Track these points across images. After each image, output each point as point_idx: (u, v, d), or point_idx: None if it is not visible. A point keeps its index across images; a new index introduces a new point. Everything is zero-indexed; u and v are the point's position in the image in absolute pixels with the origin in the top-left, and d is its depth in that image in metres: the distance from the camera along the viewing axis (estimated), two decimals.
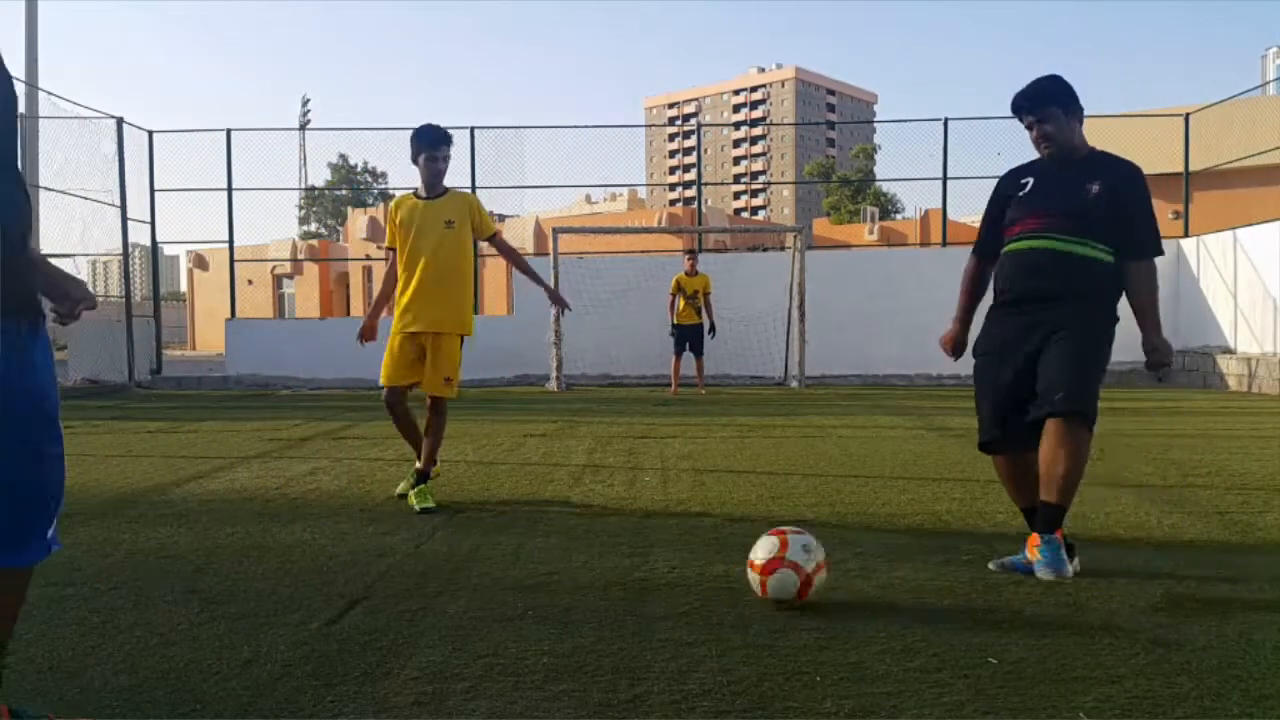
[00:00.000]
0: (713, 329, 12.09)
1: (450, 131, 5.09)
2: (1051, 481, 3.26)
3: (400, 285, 4.85)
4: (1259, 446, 6.71)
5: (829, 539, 3.89)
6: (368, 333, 5.02)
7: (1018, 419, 3.40)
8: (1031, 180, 3.53)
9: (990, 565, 3.45)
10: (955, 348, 3.82)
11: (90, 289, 2.05)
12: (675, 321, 12.08)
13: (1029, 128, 3.51)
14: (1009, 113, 3.55)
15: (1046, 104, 3.47)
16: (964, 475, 5.48)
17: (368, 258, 36.81)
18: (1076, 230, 3.39)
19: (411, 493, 4.63)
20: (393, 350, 4.82)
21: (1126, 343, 3.77)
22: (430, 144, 4.89)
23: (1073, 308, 3.41)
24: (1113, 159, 3.56)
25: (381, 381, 4.88)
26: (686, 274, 12.09)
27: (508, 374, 14.32)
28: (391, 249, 4.95)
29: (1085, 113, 3.57)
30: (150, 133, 14.86)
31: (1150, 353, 3.58)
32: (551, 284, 14.05)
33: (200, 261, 40.78)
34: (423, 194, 4.92)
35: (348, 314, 37.07)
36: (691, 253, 12.39)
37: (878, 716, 2.18)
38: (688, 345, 12.04)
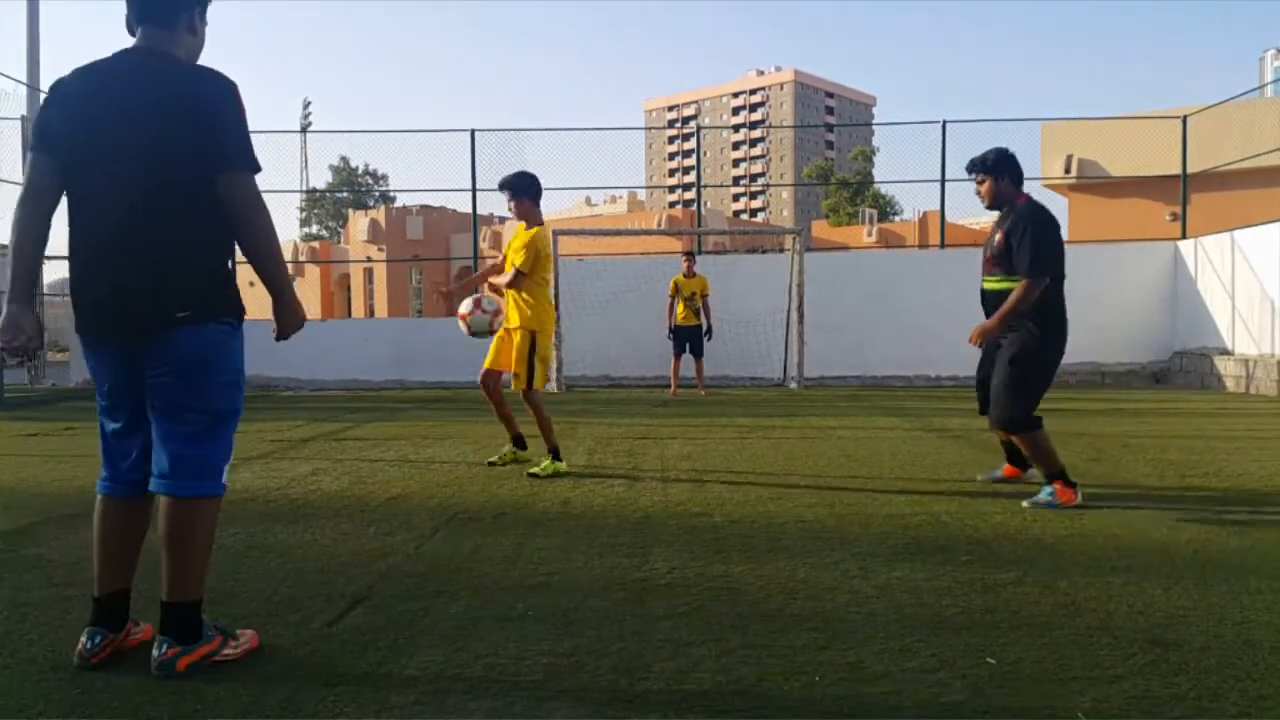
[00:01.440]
0: (709, 331, 12.11)
1: (507, 179, 5.89)
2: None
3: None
4: (1257, 447, 6.71)
5: (829, 539, 3.91)
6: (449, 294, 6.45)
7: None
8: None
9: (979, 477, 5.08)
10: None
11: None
12: (674, 323, 12.10)
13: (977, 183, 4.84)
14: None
15: (984, 170, 4.76)
16: (963, 476, 5.49)
17: (369, 260, 36.88)
18: (999, 271, 4.73)
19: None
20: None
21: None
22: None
23: (1004, 328, 4.66)
24: (1016, 208, 4.76)
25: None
26: (684, 276, 12.10)
27: (507, 374, 14.32)
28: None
29: (1026, 175, 4.91)
30: None
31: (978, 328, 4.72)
32: (551, 286, 14.06)
33: None
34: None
35: (349, 315, 37.09)
36: (689, 254, 12.39)
37: (877, 716, 2.19)
38: (687, 347, 12.05)
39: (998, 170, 4.75)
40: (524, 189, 5.74)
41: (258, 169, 2.51)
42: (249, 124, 2.53)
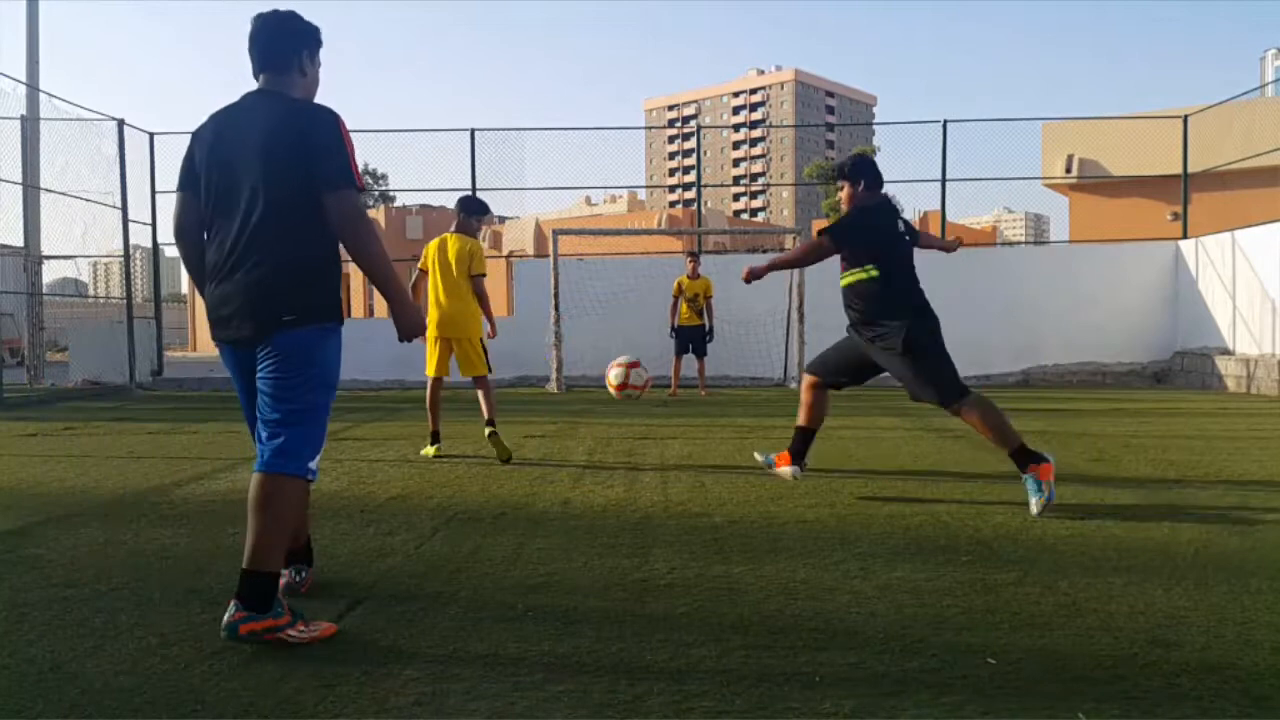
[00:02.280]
0: (711, 332, 12.11)
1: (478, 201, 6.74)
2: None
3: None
4: (1258, 447, 6.71)
5: (829, 539, 3.91)
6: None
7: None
8: None
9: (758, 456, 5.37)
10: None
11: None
12: (676, 323, 12.10)
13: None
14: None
15: (842, 176, 5.03)
16: (963, 476, 5.49)
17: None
18: (846, 265, 4.94)
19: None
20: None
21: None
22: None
23: (871, 337, 4.90)
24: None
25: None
26: (689, 277, 12.10)
27: (508, 375, 14.32)
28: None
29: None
30: (151, 135, 14.86)
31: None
32: (551, 286, 13.96)
33: None
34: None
35: (348, 315, 37.02)
36: (694, 255, 12.38)
37: (877, 716, 2.18)
38: (689, 347, 12.05)
39: (854, 176, 4.97)
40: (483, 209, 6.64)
41: (360, 187, 2.86)
42: (352, 145, 2.85)
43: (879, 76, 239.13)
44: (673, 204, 78.40)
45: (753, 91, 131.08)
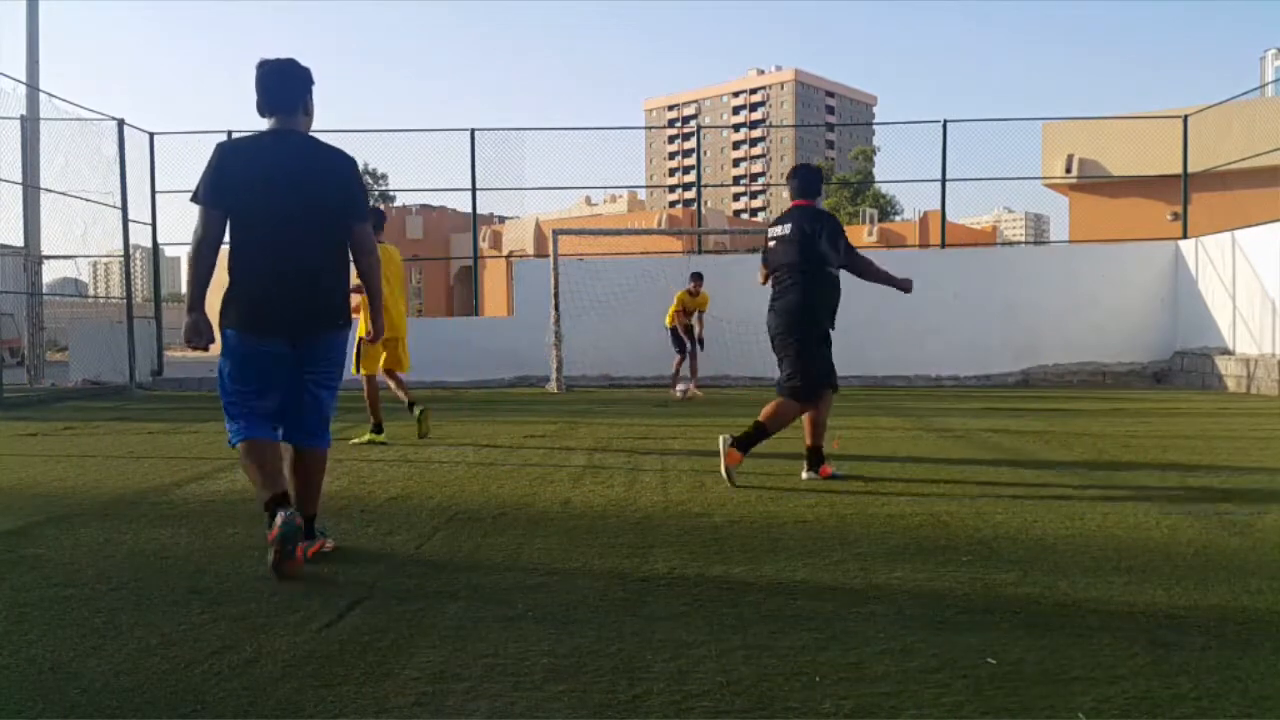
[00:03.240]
0: (701, 343, 12.38)
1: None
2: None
3: None
4: (1258, 447, 6.71)
5: (829, 539, 3.91)
6: None
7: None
8: None
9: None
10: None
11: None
12: (675, 327, 12.31)
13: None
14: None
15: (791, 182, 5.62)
16: (963, 476, 5.49)
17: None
18: None
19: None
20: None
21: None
22: None
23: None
24: None
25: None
26: (690, 294, 12.21)
27: (508, 375, 14.33)
28: None
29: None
30: (151, 134, 14.86)
31: None
32: (551, 286, 14.00)
33: None
34: None
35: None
36: (698, 276, 12.41)
37: (877, 716, 2.18)
38: (686, 346, 12.25)
39: (798, 184, 5.56)
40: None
41: (369, 220, 3.73)
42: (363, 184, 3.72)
43: (879, 76, 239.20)
44: (673, 204, 78.36)
45: (753, 91, 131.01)
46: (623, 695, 2.30)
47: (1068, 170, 19.48)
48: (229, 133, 15.01)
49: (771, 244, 5.63)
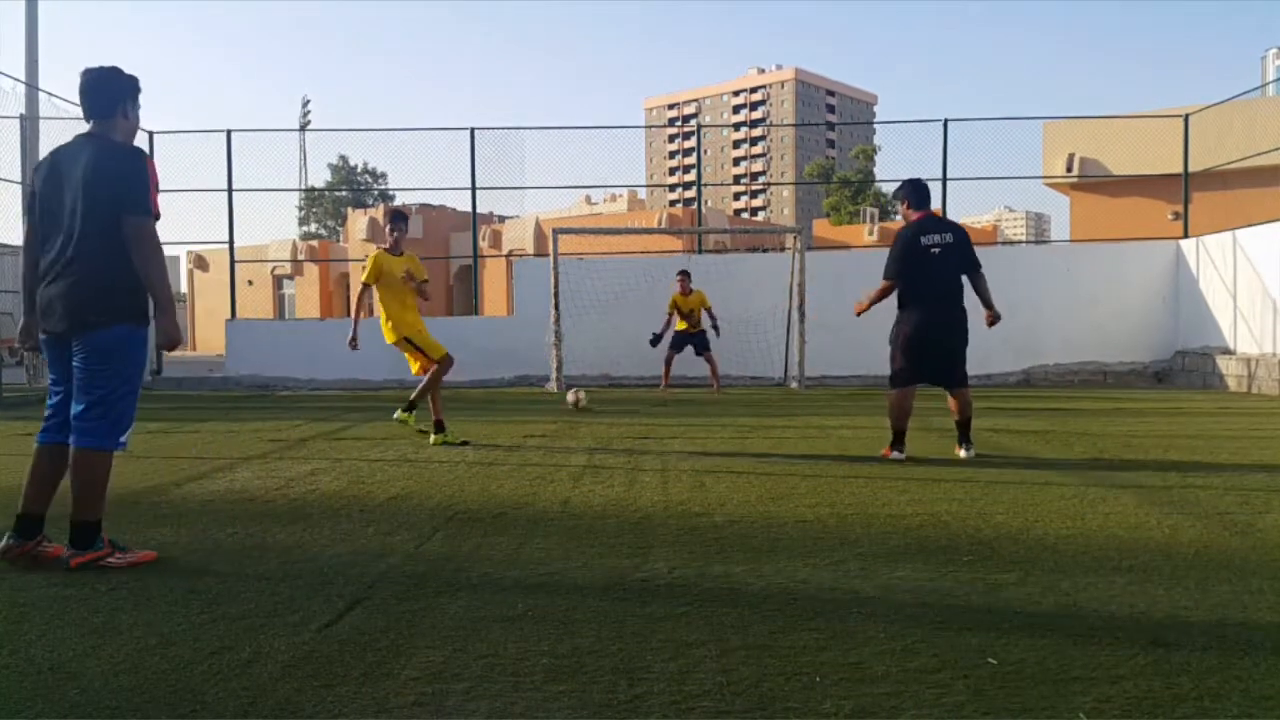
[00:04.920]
0: (716, 329, 12.26)
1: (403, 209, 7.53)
2: None
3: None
4: (1259, 447, 6.71)
5: (829, 539, 3.91)
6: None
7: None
8: None
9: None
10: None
11: None
12: (667, 334, 12.33)
13: None
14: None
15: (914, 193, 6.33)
16: (964, 476, 5.48)
17: (367, 259, 36.85)
18: None
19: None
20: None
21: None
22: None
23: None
24: None
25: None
26: (681, 294, 12.14)
27: (508, 374, 14.32)
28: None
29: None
30: (151, 134, 14.86)
31: None
32: (551, 285, 13.95)
33: (200, 262, 40.76)
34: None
35: (347, 314, 37.05)
36: (684, 273, 12.29)
37: (877, 717, 2.18)
38: (692, 348, 12.22)
39: (899, 194, 6.20)
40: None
41: (155, 215, 3.60)
42: (156, 181, 3.62)
43: (879, 75, 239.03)
44: (673, 203, 78.39)
45: (753, 90, 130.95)
46: (623, 695, 2.30)
47: (1069, 169, 19.47)
48: (228, 132, 15.06)
49: (936, 250, 6.00)
